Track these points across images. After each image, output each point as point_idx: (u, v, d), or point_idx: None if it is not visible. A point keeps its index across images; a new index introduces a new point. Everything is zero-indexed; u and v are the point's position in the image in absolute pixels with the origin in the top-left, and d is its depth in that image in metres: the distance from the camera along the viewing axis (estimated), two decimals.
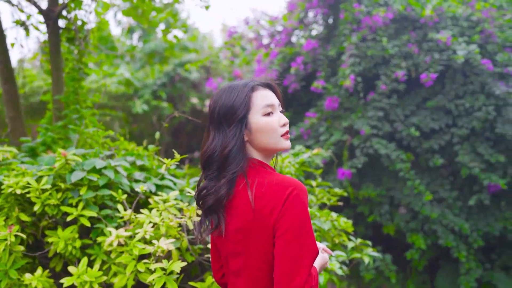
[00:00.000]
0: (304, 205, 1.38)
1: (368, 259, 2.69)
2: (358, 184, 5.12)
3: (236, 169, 1.45)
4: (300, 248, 1.35)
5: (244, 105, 1.47)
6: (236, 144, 1.45)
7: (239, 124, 1.46)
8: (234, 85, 1.52)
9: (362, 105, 4.97)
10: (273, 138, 1.48)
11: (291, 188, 1.38)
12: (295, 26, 5.63)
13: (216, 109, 1.49)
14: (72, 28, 3.74)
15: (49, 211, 2.31)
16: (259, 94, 1.51)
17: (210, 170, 1.50)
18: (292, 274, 1.33)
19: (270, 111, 1.50)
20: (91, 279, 2.16)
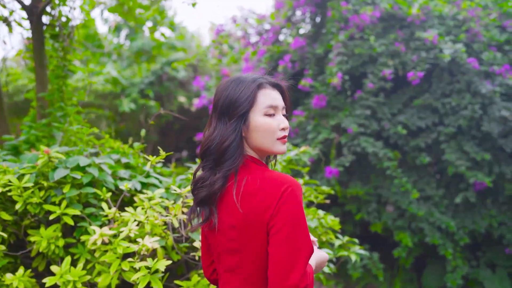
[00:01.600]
0: (299, 202, 1.36)
1: (355, 257, 2.69)
2: (346, 183, 5.13)
3: (232, 166, 1.44)
4: (295, 246, 1.32)
5: (248, 101, 1.44)
6: (235, 139, 1.44)
7: (240, 119, 1.45)
8: (243, 78, 1.49)
9: (350, 104, 4.97)
10: (269, 139, 1.47)
11: (286, 185, 1.36)
12: (283, 24, 5.62)
13: (221, 99, 1.48)
14: (56, 24, 3.68)
15: (32, 209, 2.27)
16: (265, 92, 1.48)
17: (207, 161, 1.49)
18: (286, 272, 1.31)
19: (272, 113, 1.48)
20: (74, 278, 2.13)
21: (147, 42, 9.50)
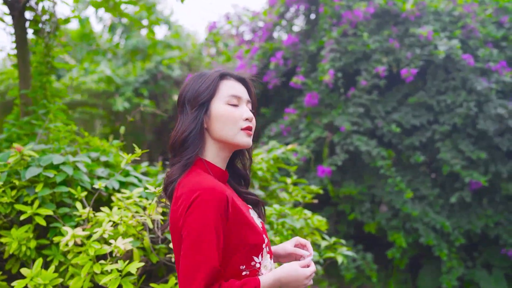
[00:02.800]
0: (206, 213, 1.27)
1: (342, 259, 2.59)
2: (340, 182, 5.03)
3: (191, 155, 1.38)
4: (194, 259, 1.26)
5: (209, 90, 1.41)
6: (195, 128, 1.39)
7: (201, 108, 1.41)
8: (205, 72, 1.47)
9: (343, 101, 4.88)
10: (231, 129, 1.41)
11: (198, 192, 1.29)
12: (275, 21, 5.52)
13: (184, 93, 1.45)
14: (41, 20, 3.59)
15: (2, 209, 2.18)
16: (228, 83, 1.46)
17: (173, 156, 1.45)
18: (187, 282, 1.26)
19: (236, 103, 1.44)
20: (45, 281, 2.03)
21: (141, 41, 9.42)
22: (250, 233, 1.36)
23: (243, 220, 1.36)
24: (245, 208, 1.46)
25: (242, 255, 1.35)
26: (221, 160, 1.46)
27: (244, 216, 1.37)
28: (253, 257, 1.37)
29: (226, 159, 1.47)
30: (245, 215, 1.38)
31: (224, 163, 1.48)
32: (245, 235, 1.35)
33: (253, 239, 1.36)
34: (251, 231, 1.37)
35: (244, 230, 1.36)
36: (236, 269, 1.35)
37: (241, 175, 1.59)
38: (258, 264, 1.39)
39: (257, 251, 1.38)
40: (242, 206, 1.44)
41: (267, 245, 1.44)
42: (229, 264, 1.34)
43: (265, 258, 1.42)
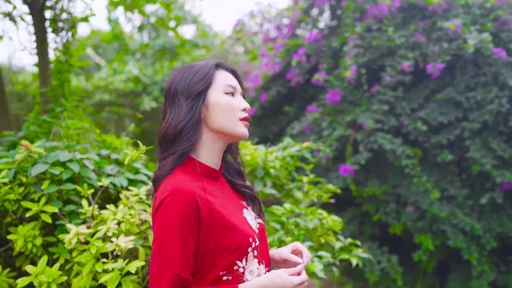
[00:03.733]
0: (170, 217, 1.22)
1: (357, 261, 2.49)
2: (363, 181, 4.89)
3: (186, 145, 1.33)
4: (158, 263, 1.22)
5: (206, 79, 1.37)
6: (192, 118, 1.33)
7: (197, 98, 1.36)
8: (195, 62, 1.43)
9: (367, 98, 4.73)
10: (230, 119, 1.36)
11: (165, 194, 1.24)
12: (298, 17, 5.42)
13: (174, 84, 1.39)
14: (60, 18, 3.62)
15: (9, 206, 2.18)
16: (222, 73, 1.42)
17: (165, 150, 1.39)
18: (154, 283, 1.22)
19: (232, 92, 1.40)
20: (49, 279, 2.02)
21: (169, 40, 9.49)
22: (230, 236, 1.28)
23: (222, 222, 1.29)
24: (234, 208, 1.38)
25: (223, 260, 1.27)
26: (215, 153, 1.40)
27: (222, 217, 1.29)
28: (236, 261, 1.29)
29: (220, 151, 1.42)
30: (223, 216, 1.30)
31: (219, 156, 1.42)
32: (224, 238, 1.28)
33: (235, 242, 1.28)
34: (232, 233, 1.29)
35: (223, 232, 1.28)
36: (216, 274, 1.28)
37: (235, 169, 1.52)
38: (242, 269, 1.30)
39: (241, 255, 1.29)
40: (229, 206, 1.37)
41: (255, 249, 1.34)
42: (211, 269, 1.27)
43: (251, 262, 1.33)
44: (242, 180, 1.53)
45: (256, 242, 1.36)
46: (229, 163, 1.52)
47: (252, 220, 1.41)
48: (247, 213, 1.43)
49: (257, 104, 5.63)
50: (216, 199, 1.34)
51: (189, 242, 1.24)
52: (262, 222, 1.47)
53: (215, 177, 1.41)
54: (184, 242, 1.22)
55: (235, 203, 1.42)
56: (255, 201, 1.49)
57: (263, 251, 1.40)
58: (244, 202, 1.48)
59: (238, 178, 1.52)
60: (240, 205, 1.44)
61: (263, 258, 1.40)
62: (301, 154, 2.93)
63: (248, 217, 1.41)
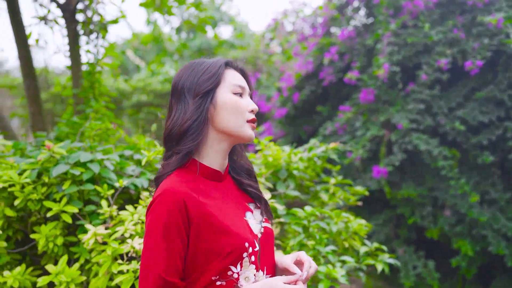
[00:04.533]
0: (158, 217, 1.21)
1: (382, 267, 2.38)
2: (398, 183, 4.72)
3: (191, 145, 1.29)
4: (145, 263, 1.21)
5: (215, 78, 1.32)
6: (199, 117, 1.29)
7: (205, 97, 1.31)
8: (203, 60, 1.39)
9: (402, 98, 4.57)
10: (237, 120, 1.32)
11: (157, 194, 1.23)
12: (331, 15, 5.31)
13: (181, 82, 1.35)
14: (91, 21, 3.69)
15: (32, 206, 2.22)
16: (231, 72, 1.38)
17: (169, 149, 1.36)
18: (141, 285, 1.21)
19: (240, 92, 1.35)
20: (67, 279, 2.04)
21: (206, 41, 9.55)
22: (223, 239, 1.23)
23: (214, 225, 1.24)
24: (234, 210, 1.33)
25: (216, 264, 1.23)
26: (219, 153, 1.36)
27: (215, 220, 1.25)
28: (230, 266, 1.24)
29: (225, 152, 1.37)
30: (216, 219, 1.25)
31: (223, 156, 1.38)
32: (216, 242, 1.23)
33: (228, 246, 1.23)
34: (224, 237, 1.24)
35: (215, 236, 1.23)
36: (209, 279, 1.23)
37: (243, 167, 1.47)
38: (236, 274, 1.25)
39: (235, 260, 1.24)
40: (228, 208, 1.32)
41: (253, 255, 1.28)
42: (203, 274, 1.23)
43: (248, 268, 1.27)
44: (251, 179, 1.47)
45: (256, 247, 1.29)
46: (236, 161, 1.47)
47: (255, 224, 1.36)
48: (251, 216, 1.37)
49: (290, 104, 5.56)
50: (212, 201, 1.29)
51: (176, 245, 1.21)
52: (268, 226, 1.41)
53: (217, 178, 1.36)
54: (169, 244, 1.20)
55: (238, 205, 1.37)
56: (261, 201, 1.43)
57: (265, 257, 1.34)
58: (251, 204, 1.42)
59: (246, 177, 1.46)
60: (244, 207, 1.38)
61: (265, 265, 1.33)
62: (327, 155, 2.84)
63: (251, 220, 1.36)
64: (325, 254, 2.24)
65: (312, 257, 2.18)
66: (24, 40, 3.65)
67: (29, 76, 3.70)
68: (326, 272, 2.14)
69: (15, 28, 3.62)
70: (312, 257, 2.18)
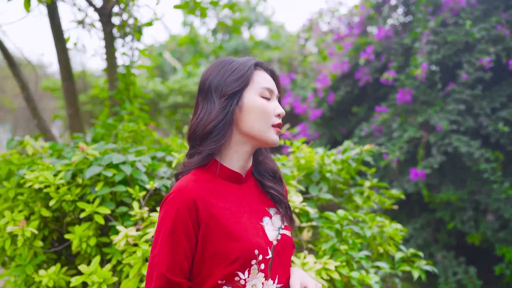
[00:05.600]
0: (167, 216, 1.20)
1: (419, 274, 2.29)
2: (438, 186, 4.57)
3: (213, 146, 1.26)
4: (151, 260, 1.21)
5: (243, 79, 1.29)
6: (224, 118, 1.26)
7: (232, 98, 1.28)
8: (233, 58, 1.35)
9: (441, 98, 4.41)
10: (263, 124, 1.29)
11: (171, 192, 1.23)
12: (368, 14, 5.19)
13: (209, 79, 1.32)
14: (126, 23, 3.73)
15: (66, 207, 2.25)
16: (261, 74, 1.34)
17: (193, 147, 1.34)
18: (147, 282, 1.22)
19: (268, 96, 1.32)
20: (99, 279, 2.06)
21: (242, 42, 9.56)
22: (230, 244, 1.20)
23: (223, 229, 1.21)
24: (250, 215, 1.29)
25: (222, 269, 1.20)
26: (242, 155, 1.33)
27: (225, 224, 1.22)
28: (238, 272, 1.21)
29: (247, 154, 1.34)
30: (226, 223, 1.22)
31: (245, 158, 1.34)
32: (223, 246, 1.20)
33: (235, 252, 1.20)
34: (232, 242, 1.21)
35: (223, 240, 1.21)
36: (214, 282, 1.22)
37: (268, 168, 1.43)
38: (243, 281, 1.22)
39: (242, 266, 1.21)
40: (243, 212, 1.28)
41: (263, 262, 1.25)
42: (209, 277, 1.22)
43: (256, 276, 1.24)
44: (275, 181, 1.43)
45: (268, 255, 1.26)
46: (262, 162, 1.43)
47: (272, 230, 1.32)
48: (269, 221, 1.33)
49: (325, 105, 5.48)
50: (226, 204, 1.26)
51: (182, 244, 1.20)
52: (287, 234, 1.35)
53: (236, 180, 1.33)
54: (175, 244, 1.19)
55: (256, 209, 1.33)
56: (282, 206, 1.38)
57: (278, 266, 1.29)
58: (272, 209, 1.38)
59: (270, 178, 1.42)
60: (262, 212, 1.34)
61: (277, 273, 1.29)
62: (361, 157, 2.77)
63: (268, 226, 1.31)
64: (359, 259, 2.17)
65: (344, 262, 2.12)
66: (62, 43, 3.73)
67: (67, 79, 3.78)
68: (359, 278, 2.07)
69: (55, 32, 3.71)
70: (344, 262, 2.12)
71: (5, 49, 3.95)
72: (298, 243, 2.41)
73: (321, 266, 2.03)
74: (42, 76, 10.81)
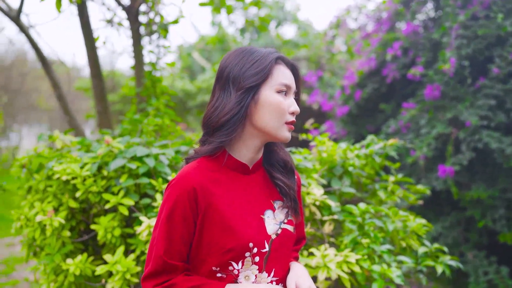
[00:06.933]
0: (167, 200, 1.24)
1: (443, 269, 2.25)
2: (468, 183, 4.46)
3: (224, 139, 1.26)
4: (152, 241, 1.25)
5: (262, 73, 1.27)
6: (239, 112, 1.26)
7: (249, 92, 1.27)
8: (255, 49, 1.33)
9: (471, 93, 4.31)
10: (277, 120, 1.28)
11: (174, 178, 1.26)
12: (396, 9, 5.12)
13: (228, 68, 1.30)
14: (153, 21, 3.81)
15: (92, 198, 2.32)
16: (280, 68, 1.31)
17: (204, 134, 1.35)
18: (146, 261, 1.27)
19: (285, 91, 1.30)
20: (123, 269, 2.11)
21: (270, 41, 9.58)
22: (225, 235, 1.22)
23: (220, 219, 1.23)
24: (252, 207, 1.30)
25: (216, 257, 1.23)
26: (251, 148, 1.33)
27: (223, 214, 1.23)
28: (231, 262, 1.23)
29: (257, 147, 1.34)
30: (224, 213, 1.23)
31: (254, 151, 1.34)
32: (218, 236, 1.22)
33: (229, 243, 1.22)
34: (227, 233, 1.22)
35: (218, 230, 1.23)
36: (209, 268, 1.25)
37: (280, 158, 1.43)
38: (236, 271, 1.25)
39: (235, 257, 1.23)
40: (245, 203, 1.29)
41: (257, 255, 1.26)
42: (203, 263, 1.25)
43: (249, 268, 1.26)
44: (285, 171, 1.42)
45: (265, 248, 1.27)
46: (273, 152, 1.42)
47: (273, 224, 1.31)
48: (271, 214, 1.33)
49: (352, 102, 5.44)
50: (228, 194, 1.27)
51: (179, 229, 1.22)
52: (288, 229, 1.35)
53: (242, 171, 1.34)
54: (173, 228, 1.22)
55: (260, 201, 1.33)
56: (288, 198, 1.37)
57: (275, 260, 1.30)
58: (277, 202, 1.37)
59: (279, 169, 1.41)
60: (266, 204, 1.34)
61: (273, 267, 1.30)
62: (386, 152, 2.74)
63: (269, 220, 1.31)
64: (380, 253, 2.15)
65: (366, 255, 2.11)
66: (92, 42, 3.84)
67: (96, 77, 3.89)
68: (381, 271, 2.05)
69: (84, 31, 3.82)
70: (366, 256, 2.10)
71: (39, 49, 4.09)
72: (320, 236, 2.40)
73: (342, 259, 2.02)
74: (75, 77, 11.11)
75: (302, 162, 2.40)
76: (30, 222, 2.42)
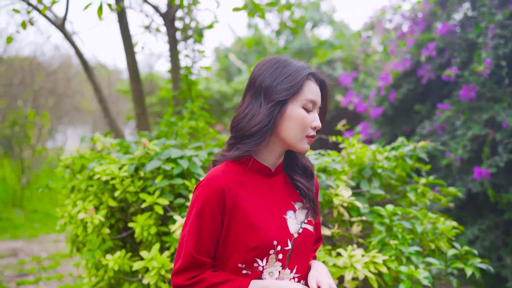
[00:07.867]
0: (197, 201, 1.32)
1: (472, 271, 2.25)
2: (505, 186, 4.37)
3: (252, 147, 1.34)
4: (182, 238, 1.34)
5: (293, 89, 1.34)
6: (268, 124, 1.33)
7: (279, 105, 1.34)
8: (289, 61, 1.38)
9: (509, 94, 4.22)
10: (299, 134, 1.36)
11: (203, 179, 1.35)
12: (432, 9, 5.06)
13: (261, 77, 1.36)
14: (189, 26, 3.94)
15: (130, 197, 2.45)
16: (310, 84, 1.37)
17: (233, 138, 1.41)
18: (176, 257, 1.35)
19: (310, 108, 1.37)
20: (158, 265, 2.22)
21: (306, 42, 9.60)
22: (250, 233, 1.30)
23: (245, 218, 1.31)
24: (275, 207, 1.38)
25: (241, 255, 1.31)
26: (274, 153, 1.42)
27: (248, 214, 1.32)
28: (256, 259, 1.32)
29: (279, 153, 1.43)
30: (249, 213, 1.32)
31: (276, 156, 1.43)
32: (243, 235, 1.31)
33: (254, 241, 1.30)
34: (252, 232, 1.30)
35: (244, 229, 1.31)
36: (234, 265, 1.33)
37: (299, 162, 1.50)
38: (261, 267, 1.33)
39: (260, 254, 1.31)
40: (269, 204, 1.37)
41: (281, 253, 1.34)
42: (229, 260, 1.34)
43: (273, 265, 1.34)
44: (306, 176, 1.49)
45: (288, 246, 1.34)
46: (294, 157, 1.49)
47: (294, 223, 1.39)
48: (292, 215, 1.40)
49: (386, 103, 5.41)
50: (252, 196, 1.35)
51: (208, 227, 1.31)
52: (308, 228, 1.42)
53: (266, 174, 1.41)
54: (202, 226, 1.30)
55: (282, 202, 1.40)
56: (308, 199, 1.44)
57: (297, 258, 1.37)
58: (298, 203, 1.44)
59: (299, 173, 1.48)
60: (287, 205, 1.41)
61: (295, 264, 1.37)
62: (416, 154, 2.75)
63: (291, 220, 1.39)
64: (408, 254, 2.17)
65: (393, 256, 2.14)
66: (131, 47, 4.01)
67: (134, 80, 4.05)
68: (408, 272, 2.08)
69: (124, 37, 3.99)
70: (393, 257, 2.13)
71: (81, 55, 4.30)
72: (349, 237, 2.45)
73: (369, 259, 2.06)
74: (116, 80, 11.47)
75: (330, 164, 2.45)
76: (73, 219, 2.57)
